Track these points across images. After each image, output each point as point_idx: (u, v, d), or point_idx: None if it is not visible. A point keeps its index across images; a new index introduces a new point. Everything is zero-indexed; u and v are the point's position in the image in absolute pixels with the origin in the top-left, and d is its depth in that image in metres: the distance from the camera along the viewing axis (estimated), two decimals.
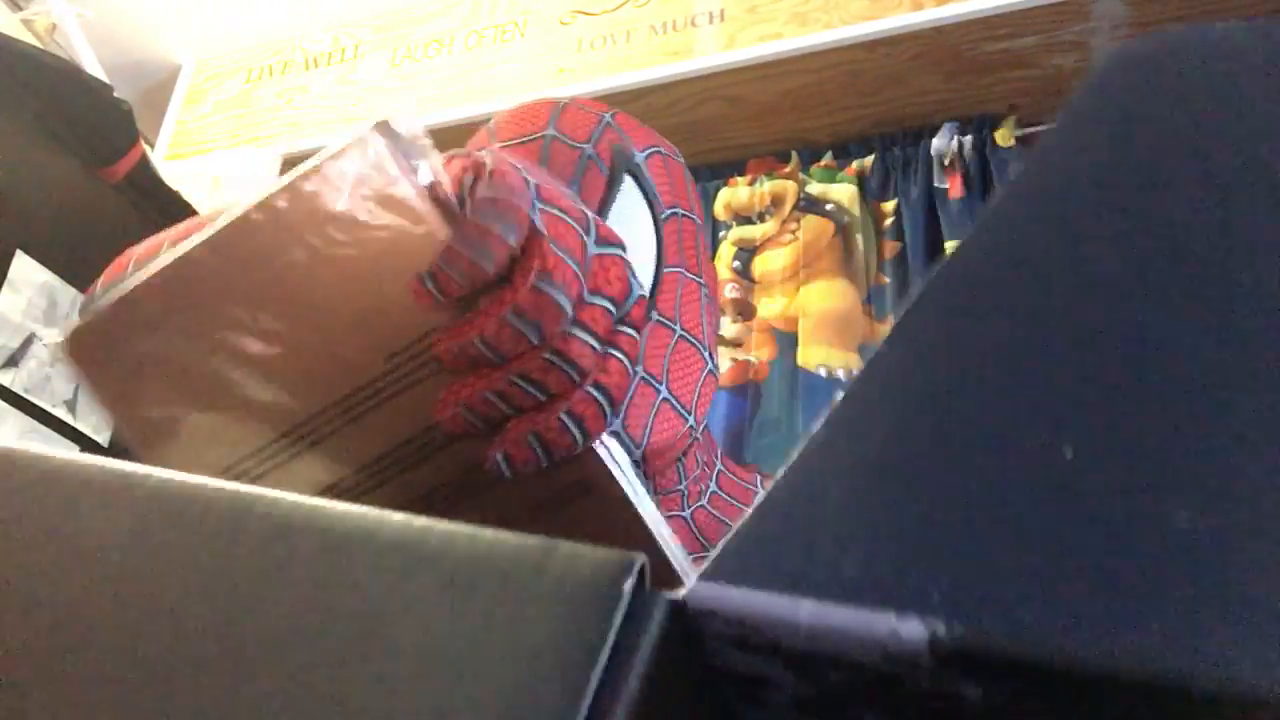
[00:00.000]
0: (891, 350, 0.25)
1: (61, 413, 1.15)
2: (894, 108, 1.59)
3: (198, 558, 0.25)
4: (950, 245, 1.47)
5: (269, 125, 1.75)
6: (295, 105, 1.75)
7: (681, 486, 0.60)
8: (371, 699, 0.21)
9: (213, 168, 1.72)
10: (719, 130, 1.54)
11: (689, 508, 0.60)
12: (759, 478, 0.67)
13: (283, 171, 1.67)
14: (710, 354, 0.59)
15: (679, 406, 0.55)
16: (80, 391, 1.18)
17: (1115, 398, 0.23)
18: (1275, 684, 0.18)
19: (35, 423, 1.12)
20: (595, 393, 0.35)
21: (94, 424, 1.20)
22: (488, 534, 0.23)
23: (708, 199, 1.64)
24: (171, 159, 1.77)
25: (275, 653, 0.22)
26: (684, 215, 0.58)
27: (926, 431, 0.23)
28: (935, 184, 1.56)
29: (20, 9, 1.62)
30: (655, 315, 0.55)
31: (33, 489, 0.27)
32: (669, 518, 0.58)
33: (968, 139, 1.55)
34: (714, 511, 0.61)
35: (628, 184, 0.55)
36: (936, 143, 1.55)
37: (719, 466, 0.64)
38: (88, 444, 1.19)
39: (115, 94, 1.26)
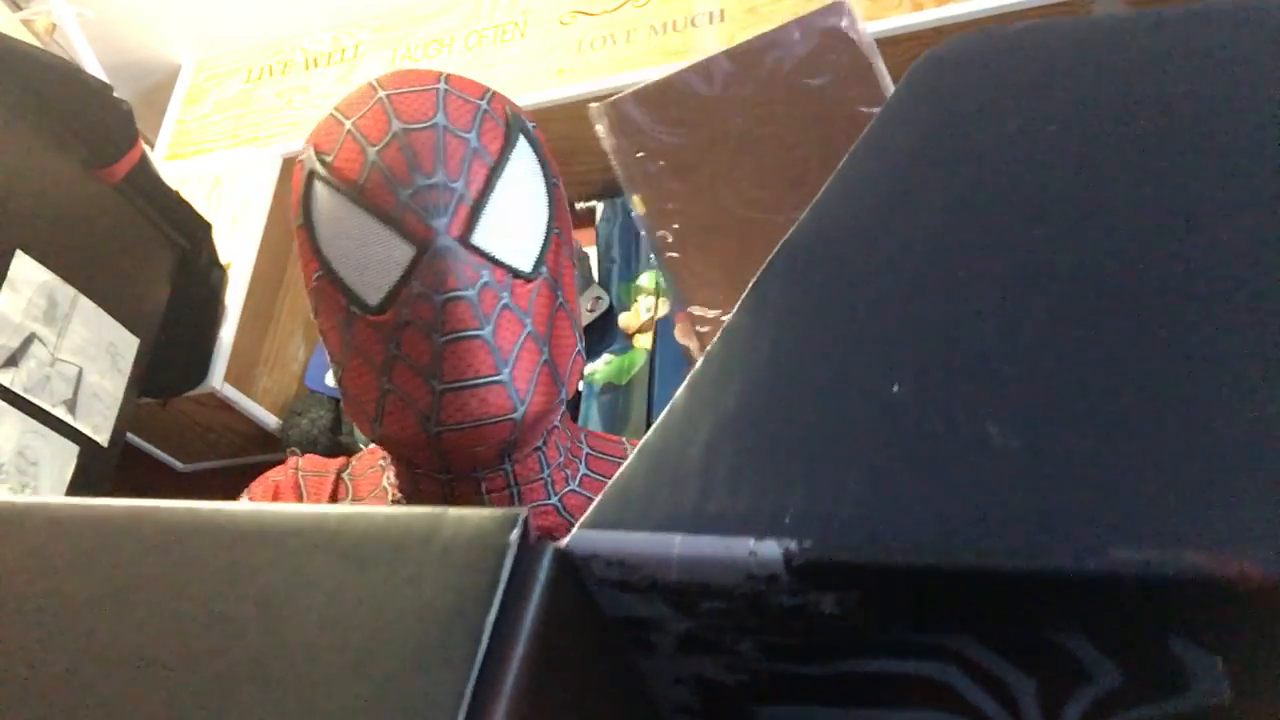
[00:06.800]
0: (741, 319, 0.27)
1: (61, 413, 1.15)
2: None
3: (97, 571, 0.25)
4: None
5: (269, 125, 1.75)
6: (295, 105, 1.75)
7: (545, 475, 0.62)
8: (279, 667, 0.22)
9: (213, 168, 1.72)
10: None
11: (556, 495, 0.63)
12: (627, 444, 0.70)
13: (283, 172, 1.67)
14: (580, 334, 0.62)
15: (556, 372, 0.58)
16: (80, 391, 1.18)
17: (931, 340, 0.26)
18: (1076, 565, 0.21)
19: (35, 423, 1.12)
20: None
21: (94, 424, 1.20)
22: (381, 511, 0.24)
23: None
24: (171, 159, 1.77)
25: (178, 643, 0.23)
26: (559, 185, 0.62)
27: (773, 385, 0.26)
28: None
29: (20, 9, 1.62)
30: (544, 272, 0.59)
31: None
32: (536, 507, 0.61)
33: None
34: (585, 493, 0.64)
35: (522, 143, 0.59)
36: None
37: (586, 450, 0.67)
38: (87, 444, 1.18)
39: (115, 94, 1.26)
